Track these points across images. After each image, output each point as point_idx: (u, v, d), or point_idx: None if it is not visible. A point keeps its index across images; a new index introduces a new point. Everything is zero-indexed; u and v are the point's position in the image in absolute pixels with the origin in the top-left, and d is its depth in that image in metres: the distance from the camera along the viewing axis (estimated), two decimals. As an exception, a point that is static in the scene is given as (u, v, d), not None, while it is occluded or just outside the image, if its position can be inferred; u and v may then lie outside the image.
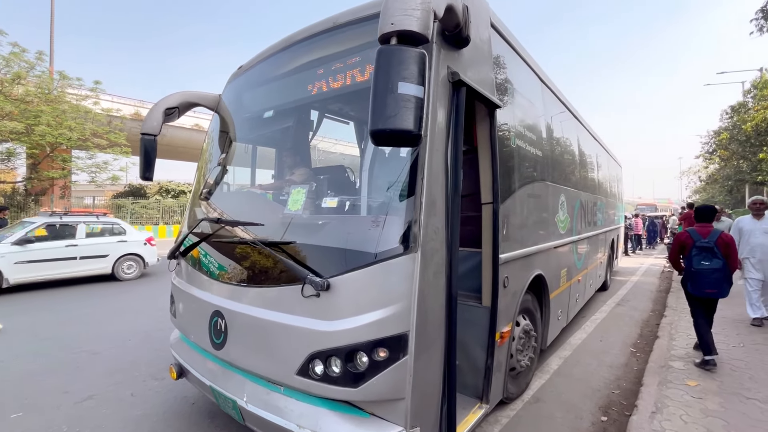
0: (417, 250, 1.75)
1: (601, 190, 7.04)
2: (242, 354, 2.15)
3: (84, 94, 18.57)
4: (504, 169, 2.78)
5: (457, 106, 2.06)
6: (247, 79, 3.16)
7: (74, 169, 19.71)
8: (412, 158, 1.84)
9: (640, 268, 11.63)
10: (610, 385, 3.61)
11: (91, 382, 3.57)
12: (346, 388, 1.76)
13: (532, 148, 3.37)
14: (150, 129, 3.08)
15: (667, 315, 5.62)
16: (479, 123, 2.62)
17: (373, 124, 1.36)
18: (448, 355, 2.00)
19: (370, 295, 1.77)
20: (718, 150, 19.46)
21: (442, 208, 1.93)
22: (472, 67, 2.34)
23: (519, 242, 2.96)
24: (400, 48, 1.39)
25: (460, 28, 1.96)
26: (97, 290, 7.76)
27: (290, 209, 2.23)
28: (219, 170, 3.11)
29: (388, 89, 1.35)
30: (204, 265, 2.56)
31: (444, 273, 1.95)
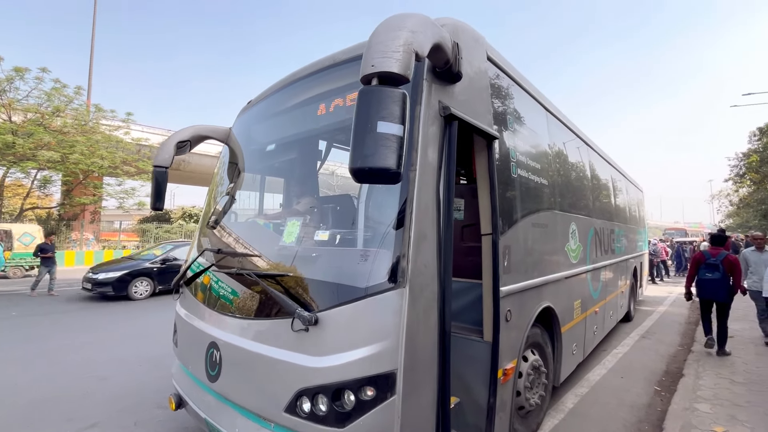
0: (405, 285, 1.73)
1: (619, 216, 6.82)
2: (235, 387, 2.13)
3: (116, 125, 19.76)
4: (505, 199, 2.75)
5: (450, 140, 2.07)
6: (255, 113, 3.29)
7: (104, 195, 20.73)
8: (402, 192, 1.85)
9: (668, 297, 11.04)
10: (630, 429, 3.37)
11: (96, 410, 3.60)
12: (333, 428, 1.71)
13: (536, 177, 3.33)
14: (162, 161, 3.22)
15: (694, 350, 5.27)
16: (477, 155, 2.62)
17: (352, 162, 1.38)
18: (441, 394, 1.92)
19: (357, 331, 1.74)
20: (749, 173, 18.69)
21: (433, 242, 1.91)
22: (467, 101, 2.36)
23: (523, 274, 2.88)
24: (379, 88, 1.42)
25: (450, 64, 2.00)
26: (110, 311, 7.94)
27: (285, 241, 2.25)
28: (226, 200, 3.20)
29: (368, 128, 1.38)
30: (203, 294, 2.59)
31: (436, 308, 1.90)
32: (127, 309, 8.38)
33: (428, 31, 1.68)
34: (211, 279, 2.57)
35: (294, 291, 1.93)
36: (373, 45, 1.49)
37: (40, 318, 7.43)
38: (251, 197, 3.26)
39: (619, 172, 7.39)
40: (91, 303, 8.98)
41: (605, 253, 5.46)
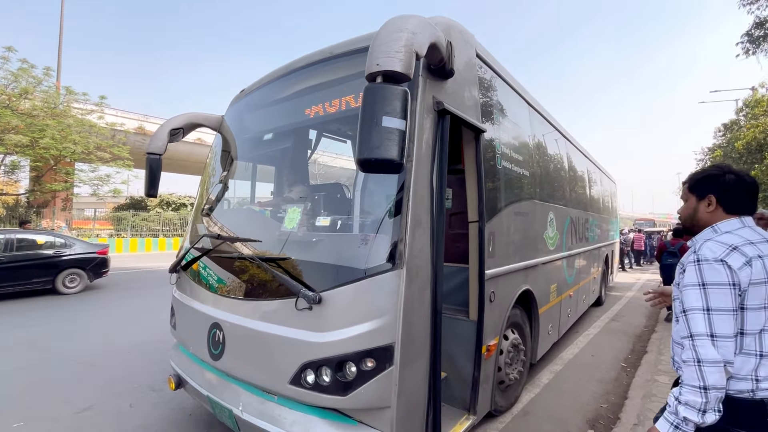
0: (402, 267, 1.89)
1: (594, 207, 7.19)
2: (239, 364, 2.26)
3: (89, 109, 18.94)
4: (490, 189, 2.94)
5: (442, 133, 2.23)
6: (249, 102, 3.35)
7: (77, 182, 19.97)
8: (400, 181, 2.00)
9: (636, 283, 11.71)
10: (599, 400, 3.69)
11: (91, 393, 3.65)
12: (336, 396, 1.88)
13: (519, 169, 3.54)
14: (156, 148, 3.25)
15: (657, 330, 5.71)
16: (466, 146, 2.79)
17: (359, 154, 1.52)
18: (433, 366, 2.12)
19: (358, 309, 1.89)
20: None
21: (427, 227, 2.07)
22: (458, 96, 2.52)
23: (506, 258, 3.10)
24: (384, 86, 1.55)
25: (444, 62, 2.15)
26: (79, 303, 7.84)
27: (286, 227, 2.37)
28: (220, 187, 3.27)
29: (374, 123, 1.51)
30: (204, 278, 2.69)
31: (429, 288, 2.08)
32: (113, 294, 8.28)
33: (426, 32, 1.82)
34: (212, 263, 2.67)
35: (297, 273, 2.06)
36: (378, 45, 1.61)
37: (17, 307, 7.27)
38: (247, 185, 3.34)
39: (594, 164, 7.75)
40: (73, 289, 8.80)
41: (580, 241, 5.79)
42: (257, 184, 3.38)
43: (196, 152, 25.31)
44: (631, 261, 16.34)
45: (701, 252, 1.30)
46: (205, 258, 2.72)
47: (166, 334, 4.99)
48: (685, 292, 1.29)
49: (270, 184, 3.57)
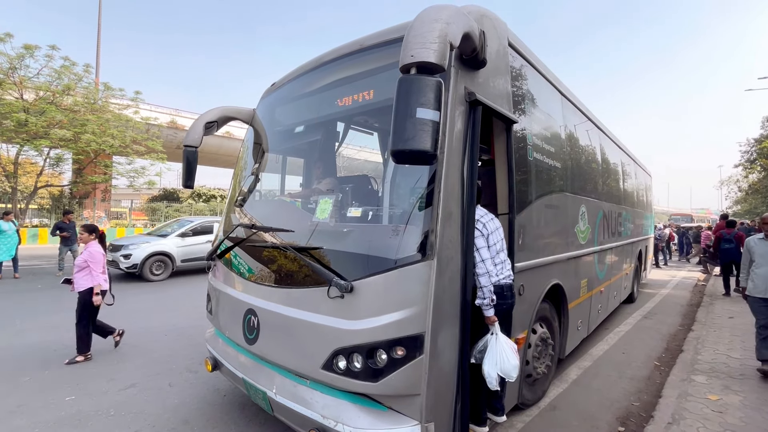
0: (433, 258, 1.91)
1: (627, 200, 6.94)
2: (273, 349, 2.36)
3: (125, 104, 19.82)
4: (521, 181, 2.90)
5: (474, 124, 2.21)
6: (280, 96, 3.42)
7: (114, 174, 21.01)
8: (431, 172, 2.00)
9: (671, 281, 11.23)
10: (630, 397, 3.60)
11: (133, 372, 3.89)
12: (367, 382, 1.93)
13: (550, 160, 3.46)
14: (192, 141, 3.38)
15: (694, 329, 5.48)
16: (496, 137, 2.76)
17: (394, 145, 1.54)
18: (461, 356, 2.13)
19: (389, 298, 1.93)
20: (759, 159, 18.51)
21: (457, 219, 2.08)
22: (489, 86, 2.48)
23: (535, 252, 3.06)
24: (418, 77, 1.56)
25: (477, 52, 2.12)
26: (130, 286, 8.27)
27: (318, 217, 2.43)
28: (252, 179, 3.37)
29: (408, 114, 1.53)
30: (239, 267, 2.80)
31: (459, 279, 2.09)
32: (146, 286, 8.72)
33: (460, 22, 1.80)
34: (246, 252, 2.77)
35: (329, 262, 2.12)
36: (412, 36, 1.62)
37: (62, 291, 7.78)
38: (278, 177, 3.42)
39: (629, 156, 7.45)
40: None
41: (612, 235, 5.61)
42: (287, 177, 3.46)
43: (225, 145, 26.04)
44: (666, 258, 15.64)
45: None
46: (240, 247, 2.83)
47: (200, 319, 5.25)
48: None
49: (299, 177, 3.66)
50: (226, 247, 2.99)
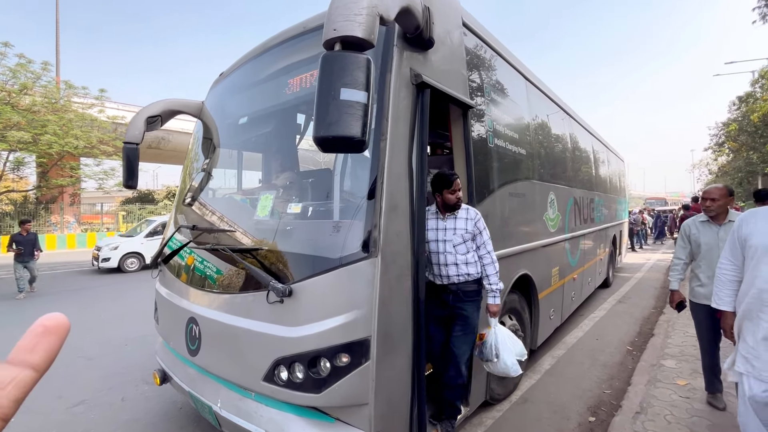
0: (377, 255, 1.75)
1: (600, 186, 6.94)
2: (214, 360, 2.17)
3: (90, 103, 18.91)
4: (481, 169, 2.76)
5: (422, 108, 2.05)
6: (228, 86, 3.19)
7: (82, 177, 20.10)
8: (373, 162, 1.84)
9: (646, 264, 11.44)
10: (602, 385, 3.56)
11: (85, 387, 3.63)
12: (310, 393, 1.77)
13: (514, 147, 3.34)
14: (132, 138, 3.12)
15: (665, 312, 5.52)
16: (453, 124, 2.61)
17: (315, 131, 1.36)
18: (416, 358, 1.99)
19: (331, 301, 1.76)
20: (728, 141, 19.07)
21: (405, 212, 1.92)
22: (441, 69, 2.32)
23: (500, 242, 2.93)
24: (342, 54, 1.38)
25: (421, 30, 1.95)
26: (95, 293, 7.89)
27: (259, 215, 2.24)
28: (202, 177, 3.14)
29: (331, 95, 1.35)
30: (181, 271, 2.59)
31: (409, 276, 1.94)
32: (111, 289, 8.33)
33: None
34: (187, 255, 2.56)
35: (268, 264, 1.94)
36: (335, 8, 1.43)
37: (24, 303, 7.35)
38: (226, 172, 3.20)
39: (601, 142, 7.45)
40: (75, 286, 8.89)
41: (584, 222, 5.58)
42: (246, 172, 3.24)
43: (199, 143, 25.21)
44: (641, 241, 15.98)
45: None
46: (182, 250, 2.61)
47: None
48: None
49: (256, 172, 3.44)
50: (172, 250, 2.77)
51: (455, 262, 2.41)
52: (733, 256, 2.03)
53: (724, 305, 2.06)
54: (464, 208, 2.47)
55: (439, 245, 2.43)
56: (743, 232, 1.96)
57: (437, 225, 2.47)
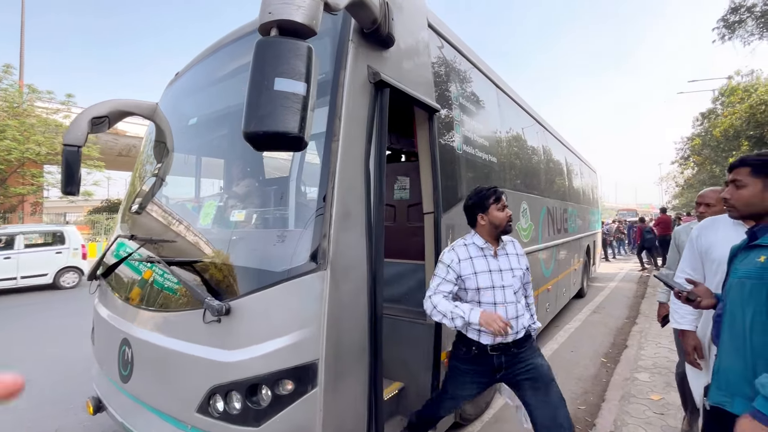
0: (326, 268, 1.57)
1: (573, 196, 6.99)
2: (147, 388, 1.92)
3: (55, 108, 18.07)
4: (449, 176, 2.64)
5: (381, 109, 1.91)
6: (183, 86, 2.98)
7: (45, 185, 19.07)
8: (324, 166, 1.67)
9: (619, 273, 11.64)
10: (577, 401, 3.44)
11: (17, 417, 3.25)
12: (248, 427, 1.55)
13: (484, 155, 3.24)
14: (73, 140, 2.85)
15: (638, 322, 5.52)
16: (419, 128, 2.48)
17: (245, 125, 1.19)
18: (373, 384, 1.80)
19: (273, 320, 1.57)
20: (692, 156, 19.90)
21: (360, 220, 1.75)
22: (405, 69, 2.20)
23: (469, 253, 2.80)
24: (278, 40, 1.22)
25: (379, 24, 1.82)
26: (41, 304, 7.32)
27: (201, 224, 2.03)
28: (150, 182, 2.89)
29: (264, 85, 1.18)
30: (117, 287, 2.33)
31: (365, 291, 1.76)
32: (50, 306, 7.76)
33: None
34: (125, 268, 2.30)
35: (205, 278, 1.72)
36: (272, -11, 1.27)
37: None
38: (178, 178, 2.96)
39: (574, 153, 7.54)
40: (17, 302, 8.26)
41: (558, 232, 5.56)
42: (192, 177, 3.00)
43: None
44: (614, 251, 16.34)
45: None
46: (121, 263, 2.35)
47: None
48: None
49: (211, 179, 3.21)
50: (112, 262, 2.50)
51: (516, 315, 1.88)
52: (693, 269, 1.87)
53: (685, 324, 1.90)
54: (508, 240, 2.04)
55: (497, 294, 1.86)
56: (703, 242, 1.82)
57: (489, 265, 1.89)
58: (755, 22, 10.20)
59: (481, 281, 1.86)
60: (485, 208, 1.93)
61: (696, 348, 1.85)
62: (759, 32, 10.30)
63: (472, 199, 1.99)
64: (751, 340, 1.24)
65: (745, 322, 1.26)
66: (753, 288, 1.26)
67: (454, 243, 2.00)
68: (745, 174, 1.36)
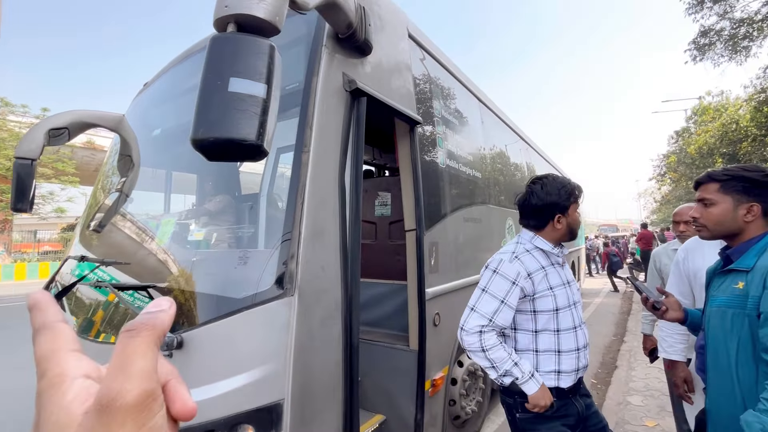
0: (293, 293, 1.39)
1: (557, 213, 6.97)
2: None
3: (29, 122, 17.51)
4: (432, 191, 2.52)
5: (358, 118, 1.77)
6: (152, 96, 2.81)
7: (15, 201, 18.27)
8: (293, 180, 1.51)
9: (603, 289, 11.66)
10: (568, 426, 3.27)
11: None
12: (198, 482, 1.33)
13: (468, 170, 3.14)
14: (26, 152, 2.61)
15: (626, 340, 5.43)
16: (399, 141, 2.36)
17: (192, 132, 1.03)
18: (349, 422, 1.61)
19: (231, 355, 1.37)
20: (668, 172, 20.53)
21: (334, 238, 1.59)
22: (385, 79, 2.09)
23: (454, 272, 2.66)
24: (235, 36, 1.08)
25: (354, 30, 1.70)
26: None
27: (158, 243, 1.83)
28: (113, 199, 2.68)
29: (216, 87, 1.03)
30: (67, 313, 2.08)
31: (339, 318, 1.59)
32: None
33: None
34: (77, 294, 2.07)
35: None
36: (230, -19, 1.14)
37: None
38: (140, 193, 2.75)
39: (556, 169, 7.59)
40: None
41: (544, 248, 5.48)
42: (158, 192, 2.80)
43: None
44: (598, 267, 16.46)
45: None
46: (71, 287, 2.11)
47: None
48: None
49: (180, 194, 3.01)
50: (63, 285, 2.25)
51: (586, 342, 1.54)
52: (681, 294, 1.77)
53: (674, 354, 1.80)
54: None
55: (574, 315, 1.50)
56: (690, 266, 1.75)
57: (561, 277, 1.51)
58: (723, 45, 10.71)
59: (560, 300, 1.45)
60: (565, 208, 1.50)
61: (686, 381, 1.73)
62: (728, 55, 10.81)
63: (552, 195, 1.49)
64: (738, 376, 1.15)
65: (730, 356, 1.17)
66: (734, 318, 1.17)
67: (506, 249, 1.52)
68: (713, 191, 1.27)
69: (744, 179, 1.22)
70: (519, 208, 1.63)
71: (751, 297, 1.13)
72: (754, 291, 1.12)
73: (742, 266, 1.19)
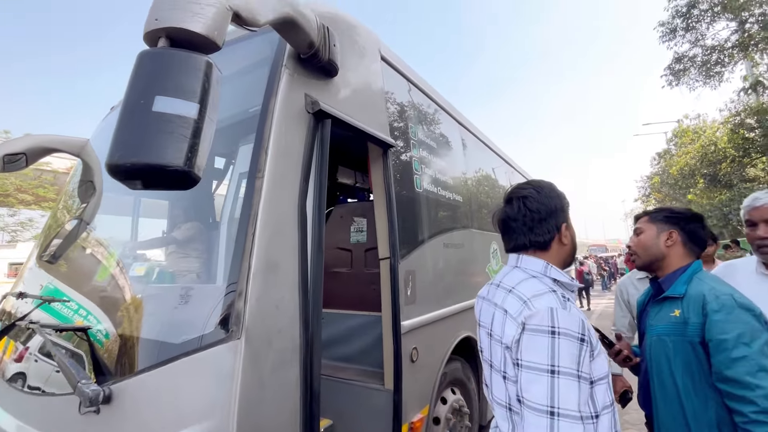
0: (239, 336, 1.23)
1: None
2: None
3: None
4: (408, 216, 2.40)
5: (322, 142, 1.67)
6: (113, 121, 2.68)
7: (-7, 228, 17.72)
8: (244, 208, 1.38)
9: (594, 311, 11.54)
10: (562, 465, 3.05)
11: None
12: None
13: (448, 193, 3.05)
14: (-24, 179, 2.46)
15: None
16: (372, 165, 2.26)
17: (109, 156, 0.90)
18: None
19: (166, 410, 1.19)
20: (653, 193, 20.90)
21: (291, 272, 1.44)
22: (354, 102, 2.00)
23: (433, 303, 2.51)
24: (165, 51, 0.97)
25: (316, 49, 1.62)
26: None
27: (98, 279, 1.66)
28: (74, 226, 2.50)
29: (138, 106, 0.91)
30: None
31: (297, 361, 1.42)
32: None
33: None
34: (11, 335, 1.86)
35: (87, 353, 1.34)
36: (162, -9, 1.04)
37: None
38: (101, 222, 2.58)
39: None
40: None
41: (531, 272, 5.36)
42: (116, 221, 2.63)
43: (138, 192, 23.62)
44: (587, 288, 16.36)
45: None
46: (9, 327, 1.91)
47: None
48: None
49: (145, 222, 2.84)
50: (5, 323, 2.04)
51: None
52: None
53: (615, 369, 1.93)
54: None
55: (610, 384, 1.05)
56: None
57: None
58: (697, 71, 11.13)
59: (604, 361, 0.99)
60: (567, 217, 1.14)
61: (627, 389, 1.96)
62: (702, 80, 11.23)
63: (554, 198, 1.13)
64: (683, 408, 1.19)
65: (677, 386, 1.21)
66: (676, 346, 1.22)
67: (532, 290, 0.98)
68: (644, 222, 1.46)
69: (667, 210, 1.42)
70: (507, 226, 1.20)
71: (690, 324, 1.18)
72: (694, 318, 1.18)
73: (675, 293, 1.26)
